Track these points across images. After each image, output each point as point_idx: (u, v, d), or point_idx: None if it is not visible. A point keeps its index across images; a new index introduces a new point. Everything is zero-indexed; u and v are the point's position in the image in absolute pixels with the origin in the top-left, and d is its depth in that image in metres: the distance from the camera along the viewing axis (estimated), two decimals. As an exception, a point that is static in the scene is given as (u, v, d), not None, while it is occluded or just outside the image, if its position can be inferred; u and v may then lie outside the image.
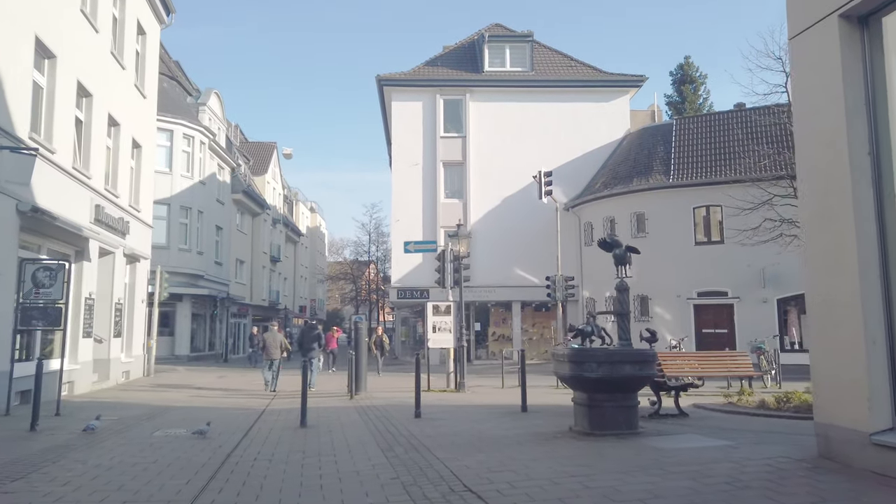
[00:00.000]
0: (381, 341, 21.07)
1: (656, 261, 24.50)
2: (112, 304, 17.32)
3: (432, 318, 15.08)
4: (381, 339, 21.30)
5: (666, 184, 24.55)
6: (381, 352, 20.79)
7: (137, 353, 19.81)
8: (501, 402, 12.32)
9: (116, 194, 17.41)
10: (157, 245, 30.72)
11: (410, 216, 28.24)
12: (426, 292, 27.94)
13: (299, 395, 15.48)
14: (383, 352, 21.03)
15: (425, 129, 28.74)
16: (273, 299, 48.24)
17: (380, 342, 20.94)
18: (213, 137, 34.73)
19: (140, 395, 15.24)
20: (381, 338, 21.36)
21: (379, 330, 22.48)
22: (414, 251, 17.08)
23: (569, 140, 28.57)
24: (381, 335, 21.78)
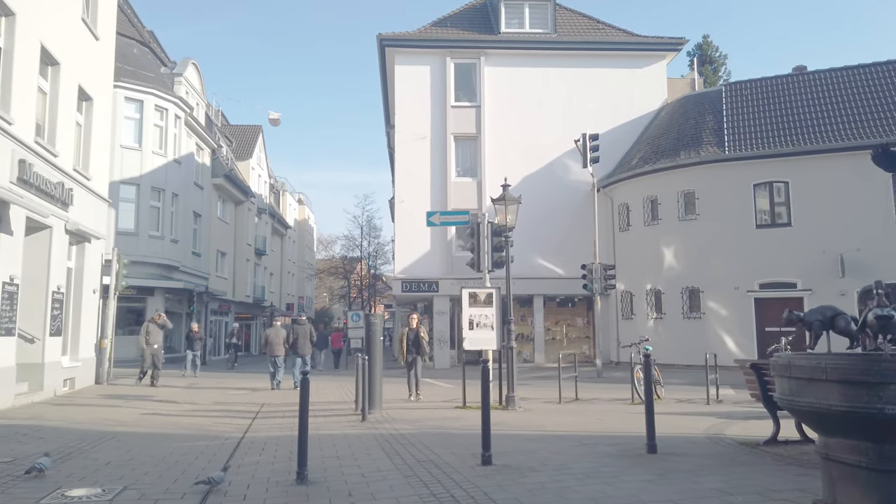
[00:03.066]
0: (418, 338, 13.51)
1: (709, 247, 20.99)
2: (48, 292, 13.42)
3: (469, 310, 11.35)
4: (419, 336, 13.59)
5: (720, 156, 20.98)
6: (419, 354, 13.51)
7: (87, 356, 15.90)
8: (586, 430, 8.64)
9: (54, 152, 13.52)
10: (123, 231, 26.82)
11: (417, 197, 24.49)
12: (435, 284, 24.25)
13: (290, 406, 11.82)
14: (421, 354, 13.63)
15: (434, 97, 25.01)
16: (258, 295, 44.25)
17: (416, 340, 13.49)
18: (189, 112, 30.77)
19: (77, 412, 11.39)
20: (418, 333, 13.62)
21: (414, 320, 14.04)
22: (440, 224, 13.42)
23: (597, 111, 24.97)
24: (418, 328, 13.78)
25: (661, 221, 22.19)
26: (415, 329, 13.75)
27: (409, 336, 13.65)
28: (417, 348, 13.56)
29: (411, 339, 13.56)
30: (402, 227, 24.63)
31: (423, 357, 13.85)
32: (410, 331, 13.73)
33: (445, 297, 24.53)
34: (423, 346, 13.65)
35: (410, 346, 13.52)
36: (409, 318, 13.92)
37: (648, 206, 22.75)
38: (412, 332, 13.69)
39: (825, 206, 19.45)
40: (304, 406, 5.73)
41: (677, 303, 21.57)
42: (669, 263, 21.92)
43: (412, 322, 13.93)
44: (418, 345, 13.58)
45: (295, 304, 57.31)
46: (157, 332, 16.85)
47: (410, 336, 13.61)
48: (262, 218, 46.54)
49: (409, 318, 13.95)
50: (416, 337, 13.60)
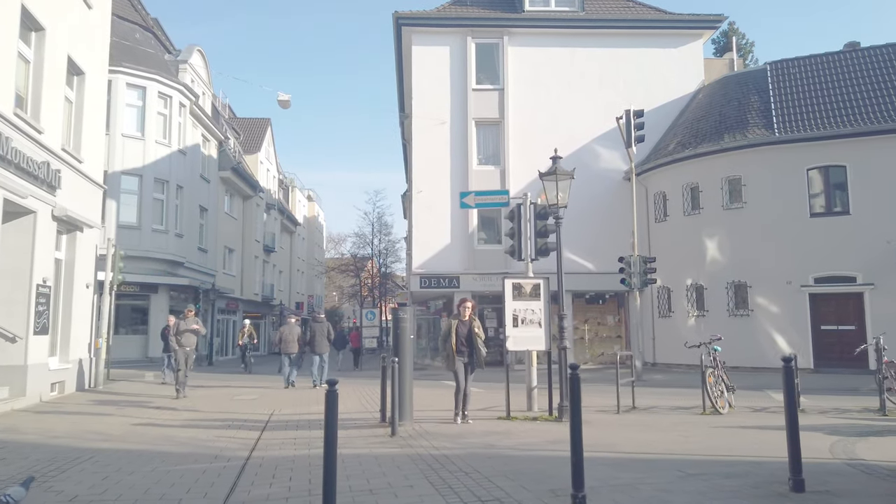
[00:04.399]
0: (472, 336, 9.41)
1: (757, 238, 19.24)
2: (31, 285, 11.92)
3: (513, 303, 9.72)
4: (474, 332, 9.45)
5: (770, 139, 19.22)
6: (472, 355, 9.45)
7: (80, 357, 14.40)
8: (676, 451, 7.00)
9: (38, 128, 12.00)
10: (125, 224, 25.40)
11: (436, 187, 22.89)
12: (456, 280, 22.64)
13: (304, 414, 10.27)
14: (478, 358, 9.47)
15: (453, 80, 23.38)
16: (267, 294, 42.81)
17: (470, 337, 9.40)
18: (195, 101, 29.30)
19: (59, 422, 9.85)
20: (472, 328, 9.45)
21: (468, 309, 9.60)
22: (475, 206, 11.75)
23: (629, 94, 23.25)
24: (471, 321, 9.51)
25: (702, 211, 20.46)
26: (467, 322, 9.43)
27: (459, 331, 9.39)
28: (472, 350, 9.40)
29: (463, 336, 9.40)
30: (420, 219, 23.04)
31: (480, 362, 9.46)
32: (462, 324, 9.41)
33: (467, 294, 22.85)
34: (480, 348, 9.38)
35: (461, 347, 9.38)
36: (462, 305, 9.52)
37: (688, 195, 21.00)
38: (464, 326, 9.41)
39: (888, 191, 17.70)
40: (331, 432, 4.12)
41: (722, 299, 19.83)
42: (713, 256, 20.18)
43: (465, 311, 9.48)
44: (472, 345, 9.37)
45: (305, 302, 55.88)
46: (190, 330, 13.93)
47: (462, 331, 9.39)
48: (271, 214, 45.08)
49: (462, 306, 9.51)
50: (470, 333, 9.39)
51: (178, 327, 13.67)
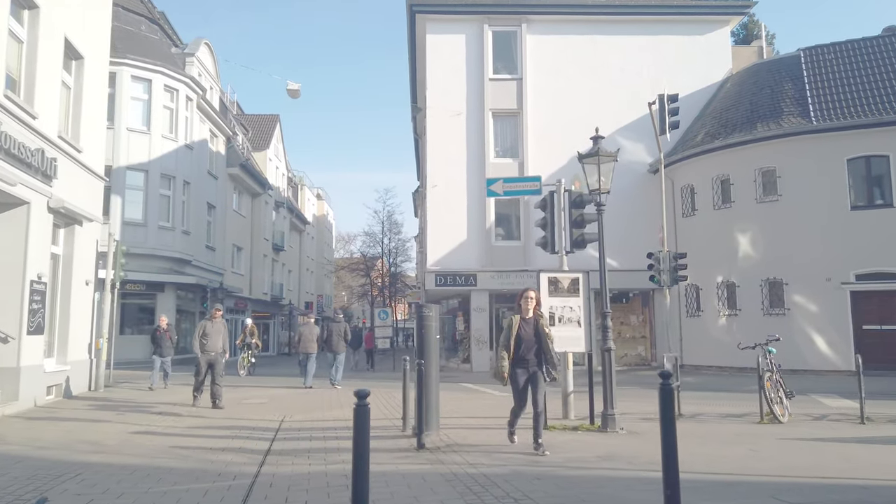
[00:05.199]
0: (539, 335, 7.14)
1: (794, 232, 18.19)
2: (25, 281, 11.08)
3: (549, 300, 8.77)
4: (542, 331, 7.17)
5: (807, 127, 18.18)
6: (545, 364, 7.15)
7: (79, 359, 13.57)
8: (754, 470, 6.03)
9: (31, 112, 11.17)
10: (130, 221, 24.63)
11: (451, 181, 21.97)
12: (472, 278, 21.71)
13: (317, 420, 9.40)
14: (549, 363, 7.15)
15: (470, 69, 22.45)
16: (276, 293, 42.03)
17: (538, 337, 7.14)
18: (202, 94, 28.52)
19: (50, 430, 9.00)
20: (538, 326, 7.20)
21: (530, 302, 7.27)
22: (503, 194, 10.79)
23: (653, 83, 22.18)
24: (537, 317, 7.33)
25: (734, 204, 19.43)
26: (532, 320, 7.18)
27: (522, 333, 7.10)
28: (541, 354, 7.06)
29: (529, 339, 7.07)
30: (434, 214, 22.12)
31: (553, 370, 7.14)
32: (525, 323, 7.17)
33: (484, 293, 21.98)
34: (551, 350, 7.07)
35: (525, 353, 7.04)
36: (523, 298, 7.24)
37: (718, 188, 19.98)
38: (528, 326, 7.14)
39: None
40: (361, 457, 3.21)
41: (755, 297, 18.79)
42: (745, 252, 19.15)
43: (527, 305, 7.21)
44: (542, 346, 7.04)
45: (314, 302, 55.10)
46: (217, 333, 11.94)
47: (526, 333, 7.10)
48: (280, 212, 44.30)
49: (523, 299, 7.24)
50: (538, 335, 7.07)
51: (203, 329, 11.83)
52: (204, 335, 11.80)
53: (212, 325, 11.92)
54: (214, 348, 11.73)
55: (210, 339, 11.73)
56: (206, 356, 11.72)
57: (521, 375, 7.09)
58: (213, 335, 11.80)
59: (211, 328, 11.87)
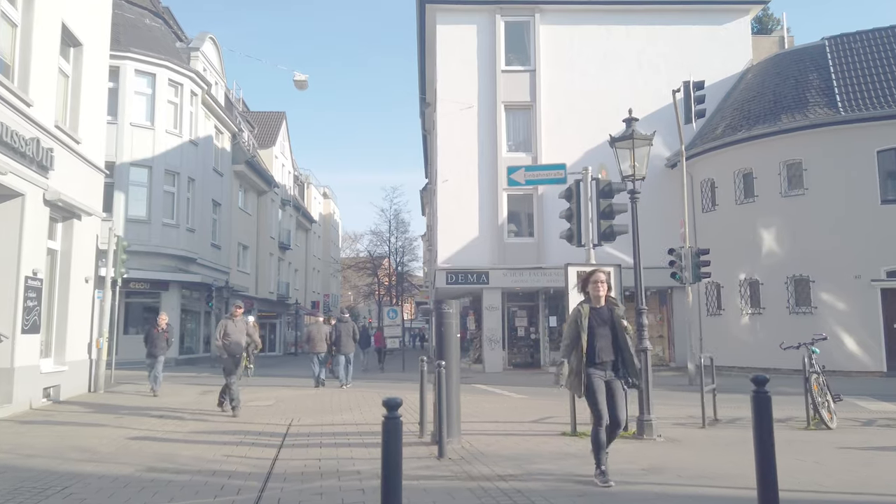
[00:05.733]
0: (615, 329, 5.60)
1: (821, 228, 17.48)
2: (19, 277, 10.51)
3: (578, 296, 8.08)
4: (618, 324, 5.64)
5: (835, 118, 17.46)
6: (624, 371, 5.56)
7: (78, 359, 13.00)
8: (824, 486, 5.36)
9: (26, 99, 10.60)
10: (134, 218, 24.09)
11: (462, 176, 21.34)
12: (484, 275, 21.07)
13: (327, 424, 8.81)
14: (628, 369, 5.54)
15: (481, 61, 21.81)
16: (282, 292, 41.46)
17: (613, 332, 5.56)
18: (207, 89, 27.97)
19: (42, 435, 8.42)
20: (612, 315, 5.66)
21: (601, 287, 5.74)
22: (525, 183, 10.14)
23: (670, 74, 21.55)
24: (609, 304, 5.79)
25: (757, 199, 18.71)
26: (605, 310, 5.68)
27: (594, 325, 5.53)
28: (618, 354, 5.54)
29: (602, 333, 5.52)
30: (445, 210, 21.49)
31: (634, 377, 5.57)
32: (596, 313, 5.62)
33: (496, 290, 21.32)
34: (630, 349, 5.56)
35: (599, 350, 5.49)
36: (592, 282, 5.77)
37: (740, 182, 19.26)
38: (601, 317, 5.60)
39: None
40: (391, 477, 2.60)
41: (780, 295, 18.07)
42: (769, 248, 18.43)
43: (598, 291, 5.72)
44: (619, 344, 5.54)
45: (321, 301, 54.56)
46: (241, 332, 10.83)
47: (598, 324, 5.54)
48: (287, 210, 43.77)
49: (592, 283, 5.76)
50: (613, 325, 5.58)
51: (224, 329, 10.78)
52: (226, 335, 10.78)
53: (234, 324, 10.90)
54: (238, 349, 10.75)
55: (233, 338, 10.76)
56: (231, 358, 10.70)
57: (597, 382, 5.37)
58: (235, 334, 10.81)
59: (233, 327, 10.86)
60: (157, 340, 13.80)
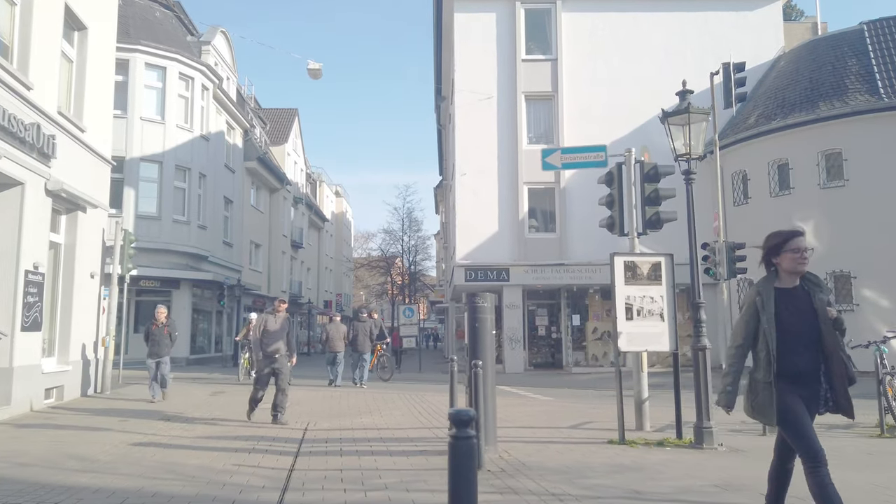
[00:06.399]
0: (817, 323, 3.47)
1: (863, 221, 16.57)
2: (18, 271, 9.88)
3: (624, 289, 7.32)
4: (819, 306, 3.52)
5: (876, 105, 16.57)
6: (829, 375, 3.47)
7: (82, 358, 12.36)
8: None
9: (26, 82, 9.97)
10: (144, 215, 23.50)
11: (481, 169, 20.59)
12: (505, 272, 20.30)
13: (346, 428, 8.11)
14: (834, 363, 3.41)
15: (500, 50, 21.05)
16: (294, 291, 40.88)
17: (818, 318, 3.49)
18: (218, 84, 27.39)
19: (38, 440, 7.76)
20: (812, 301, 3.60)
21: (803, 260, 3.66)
22: (561, 167, 9.33)
23: (698, 63, 20.69)
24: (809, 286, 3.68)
25: (793, 191, 17.82)
26: (802, 292, 3.76)
27: (784, 316, 3.62)
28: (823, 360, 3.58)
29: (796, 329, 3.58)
30: (463, 204, 20.75)
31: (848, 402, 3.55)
32: (789, 295, 3.72)
33: (517, 288, 20.54)
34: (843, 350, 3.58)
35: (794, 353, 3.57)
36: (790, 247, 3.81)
37: (775, 173, 18.37)
38: (797, 301, 3.70)
39: None
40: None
41: (821, 291, 17.14)
42: (807, 244, 17.50)
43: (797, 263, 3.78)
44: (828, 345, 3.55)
45: (333, 301, 53.99)
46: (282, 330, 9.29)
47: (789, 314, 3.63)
48: (299, 208, 43.18)
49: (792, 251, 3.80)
50: (816, 316, 3.62)
51: (263, 326, 9.14)
52: (265, 333, 9.10)
53: (275, 321, 9.20)
54: (278, 350, 9.13)
55: (272, 338, 9.08)
56: (267, 360, 9.11)
57: (793, 401, 3.49)
58: (275, 334, 9.14)
59: (274, 324, 9.17)
60: (158, 338, 11.80)
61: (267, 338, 9.07)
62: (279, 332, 9.19)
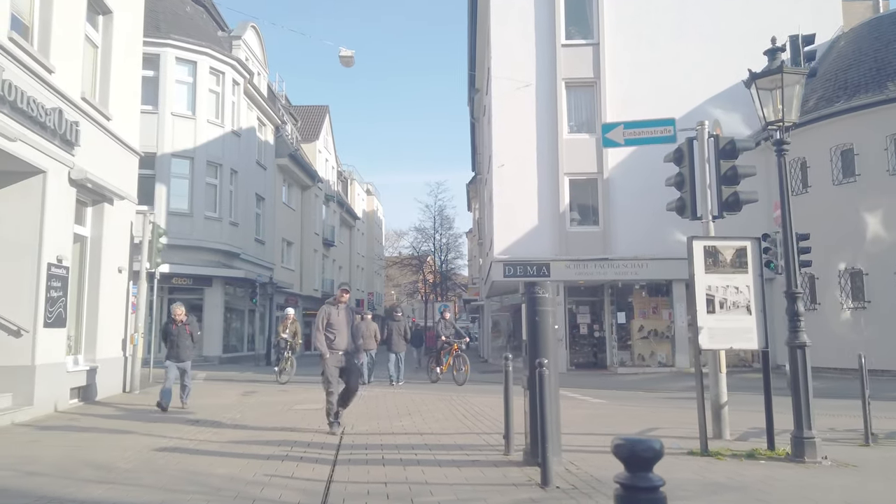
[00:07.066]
0: None
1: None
2: (40, 264, 9.37)
3: (705, 277, 6.41)
4: None
5: (954, 82, 15.19)
6: None
7: (110, 356, 11.86)
8: None
9: (47, 65, 9.44)
10: (176, 211, 23.17)
11: (520, 160, 19.71)
12: (545, 267, 19.37)
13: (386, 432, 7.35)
14: None
15: (539, 34, 20.12)
16: (326, 290, 40.41)
17: None
18: (249, 79, 26.99)
19: (55, 445, 7.18)
20: None
21: None
22: (624, 144, 8.41)
23: (750, 44, 19.43)
24: None
25: (859, 178, 16.56)
26: None
27: None
28: None
29: None
30: (501, 198, 19.89)
31: None
32: None
33: (558, 284, 19.58)
34: None
35: None
36: None
37: (838, 159, 17.11)
38: None
39: None
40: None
41: (889, 287, 15.88)
42: (875, 234, 16.25)
43: None
44: None
45: (364, 300, 53.57)
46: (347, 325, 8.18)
47: None
48: (330, 206, 42.78)
49: None
50: None
51: (325, 319, 8.02)
52: (329, 327, 7.96)
53: (338, 313, 8.02)
54: (344, 345, 8.02)
55: (339, 332, 7.95)
56: (334, 358, 7.98)
57: None
58: (341, 328, 8.00)
59: (337, 317, 8.00)
60: (178, 339, 10.27)
61: (333, 332, 7.97)
62: (345, 326, 8.08)
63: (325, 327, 7.98)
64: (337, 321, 8.00)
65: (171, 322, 10.40)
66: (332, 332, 7.97)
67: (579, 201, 19.98)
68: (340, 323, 8.01)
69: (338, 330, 7.97)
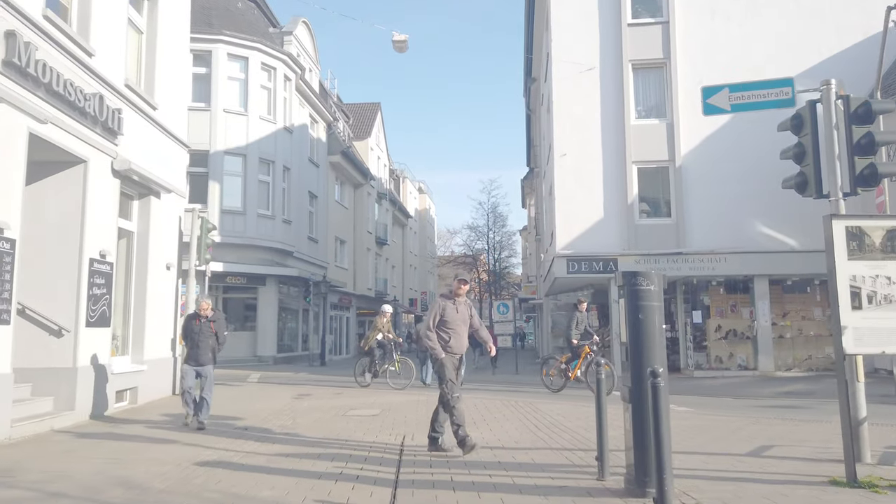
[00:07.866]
0: None
1: None
2: (81, 260, 8.81)
3: (848, 265, 5.18)
4: None
5: None
6: None
7: (158, 357, 11.31)
8: None
9: (87, 48, 8.88)
10: (229, 209, 22.87)
11: (583, 148, 18.44)
12: (612, 263, 18.06)
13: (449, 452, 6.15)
14: None
15: (603, 13, 18.80)
16: (380, 289, 39.96)
17: None
18: (300, 74, 26.58)
19: (89, 456, 6.52)
20: None
21: None
22: (730, 110, 7.17)
23: (838, 18, 17.85)
24: None
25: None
26: None
27: None
28: None
29: None
30: (564, 190, 18.67)
31: None
32: None
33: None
34: None
35: None
36: None
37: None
38: None
39: None
40: None
41: None
42: None
43: None
44: None
45: (418, 299, 53.00)
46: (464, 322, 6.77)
47: None
48: (383, 204, 42.28)
49: None
50: None
51: (442, 312, 6.66)
52: (443, 325, 6.63)
53: (455, 310, 6.69)
54: (461, 349, 6.77)
55: (455, 333, 6.64)
56: (451, 359, 6.63)
57: None
58: (458, 327, 6.66)
59: (454, 313, 6.67)
60: (200, 338, 8.36)
61: (449, 330, 6.61)
62: (463, 325, 6.71)
63: (438, 325, 6.62)
64: (453, 319, 6.61)
65: (195, 317, 8.54)
66: (447, 332, 6.59)
67: (649, 191, 18.57)
68: (457, 322, 6.62)
69: (453, 329, 6.59)
